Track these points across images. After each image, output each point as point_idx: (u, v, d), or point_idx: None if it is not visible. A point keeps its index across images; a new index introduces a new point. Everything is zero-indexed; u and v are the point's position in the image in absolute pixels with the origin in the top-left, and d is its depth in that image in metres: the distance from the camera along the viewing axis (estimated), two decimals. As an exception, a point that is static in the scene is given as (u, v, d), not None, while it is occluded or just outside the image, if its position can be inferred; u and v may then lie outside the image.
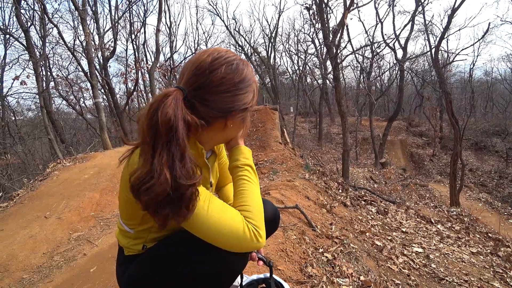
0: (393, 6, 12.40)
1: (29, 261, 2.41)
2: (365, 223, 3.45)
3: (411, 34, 12.32)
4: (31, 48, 9.26)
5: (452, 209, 5.80)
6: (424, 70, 19.76)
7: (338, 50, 5.81)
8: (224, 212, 0.69)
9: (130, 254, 0.84)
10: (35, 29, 10.39)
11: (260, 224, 0.72)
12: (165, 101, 0.63)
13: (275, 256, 1.50)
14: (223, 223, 0.68)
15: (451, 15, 7.38)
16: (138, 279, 0.79)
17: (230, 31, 17.66)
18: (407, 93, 24.43)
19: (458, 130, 6.98)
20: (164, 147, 0.61)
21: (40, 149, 12.25)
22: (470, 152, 15.65)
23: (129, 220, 0.79)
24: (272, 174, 4.79)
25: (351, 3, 4.92)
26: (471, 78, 20.41)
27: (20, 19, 8.86)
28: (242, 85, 0.72)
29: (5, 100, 11.36)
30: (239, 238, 0.68)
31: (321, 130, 17.45)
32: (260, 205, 0.76)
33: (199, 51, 0.76)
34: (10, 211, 3.44)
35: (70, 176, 4.46)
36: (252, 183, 0.79)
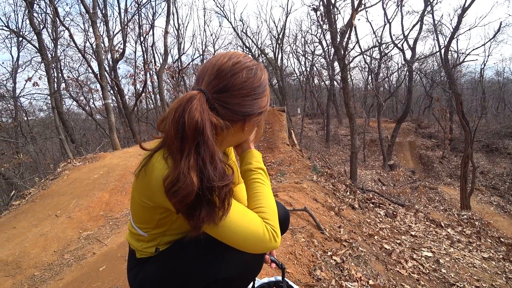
0: (401, 6, 12.23)
1: (40, 259, 2.46)
2: (373, 226, 3.41)
3: (420, 34, 12.14)
4: (43, 50, 9.48)
5: (462, 213, 5.68)
6: (434, 70, 19.44)
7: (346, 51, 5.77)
8: (245, 215, 0.71)
9: (142, 257, 0.84)
10: (47, 32, 10.65)
11: (276, 224, 0.74)
12: (191, 104, 0.63)
13: (284, 259, 1.50)
14: (245, 225, 0.69)
15: (461, 14, 7.24)
16: (152, 282, 0.79)
17: (237, 32, 17.71)
18: (416, 94, 24.06)
19: (469, 132, 6.83)
20: (191, 150, 0.61)
21: (51, 148, 12.52)
22: (481, 154, 15.30)
23: (144, 224, 0.79)
24: (279, 176, 4.78)
25: (359, 4, 4.88)
26: (482, 78, 19.96)
27: (32, 22, 9.08)
28: (260, 90, 0.73)
29: (18, 100, 11.65)
30: (260, 239, 0.70)
31: (328, 132, 17.34)
32: (274, 206, 0.78)
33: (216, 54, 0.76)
34: (22, 209, 3.52)
35: (80, 175, 4.54)
36: (265, 185, 0.81)
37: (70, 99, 13.80)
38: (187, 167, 0.60)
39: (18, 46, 12.05)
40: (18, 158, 7.27)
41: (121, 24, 11.62)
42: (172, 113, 0.64)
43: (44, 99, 12.27)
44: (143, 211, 0.75)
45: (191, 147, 0.61)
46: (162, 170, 0.65)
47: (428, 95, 17.66)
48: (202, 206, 0.62)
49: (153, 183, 0.66)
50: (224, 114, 0.69)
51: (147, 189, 0.68)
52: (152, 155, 0.69)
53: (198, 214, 0.62)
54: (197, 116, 0.62)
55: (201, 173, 0.61)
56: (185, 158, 0.61)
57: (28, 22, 9.85)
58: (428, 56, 15.90)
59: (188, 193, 0.59)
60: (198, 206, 0.62)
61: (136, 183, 0.73)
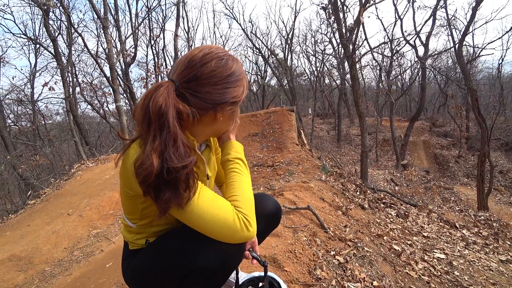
0: (412, 2, 11.89)
1: (51, 255, 2.55)
2: (383, 227, 3.33)
3: (432, 30, 11.74)
4: (59, 56, 9.84)
5: (479, 214, 5.47)
6: (448, 67, 18.84)
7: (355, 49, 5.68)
8: (215, 201, 0.71)
9: (134, 249, 0.87)
10: (62, 38, 11.03)
11: (249, 213, 0.73)
12: (157, 91, 0.67)
13: (283, 257, 1.48)
14: (214, 212, 0.69)
15: (475, 7, 6.97)
16: (140, 272, 0.82)
17: (247, 34, 17.76)
18: (430, 92, 23.38)
19: (485, 129, 6.57)
20: (156, 134, 0.64)
21: (67, 150, 12.95)
22: (500, 153, 14.68)
23: (131, 215, 0.82)
24: (288, 176, 4.74)
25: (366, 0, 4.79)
26: (499, 73, 19.15)
27: (48, 29, 9.45)
28: (231, 79, 0.75)
29: (35, 105, 12.12)
30: (230, 227, 0.70)
31: (340, 132, 17.10)
32: (249, 195, 0.77)
33: None
34: (37, 208, 3.66)
35: (92, 176, 4.67)
36: (242, 175, 0.81)
37: (85, 103, 14.24)
38: (150, 149, 0.63)
39: (36, 53, 12.57)
40: (36, 160, 7.56)
41: (132, 28, 11.90)
42: (141, 100, 0.68)
43: (60, 103, 12.76)
44: (128, 201, 0.78)
45: (156, 131, 0.65)
46: (135, 155, 0.68)
47: (443, 93, 17.13)
48: (166, 188, 0.64)
49: (128, 170, 0.69)
50: (194, 102, 0.71)
51: (125, 177, 0.71)
52: (129, 144, 0.73)
53: (162, 196, 0.64)
54: (161, 101, 0.65)
55: (162, 154, 0.63)
56: (150, 141, 0.64)
57: (44, 29, 10.26)
58: (442, 52, 15.42)
59: (148, 174, 0.62)
60: (162, 188, 0.64)
61: (119, 172, 0.75)
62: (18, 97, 12.59)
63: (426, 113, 22.30)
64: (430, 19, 11.37)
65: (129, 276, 0.86)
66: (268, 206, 0.95)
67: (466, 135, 15.83)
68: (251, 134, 7.45)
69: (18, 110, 13.49)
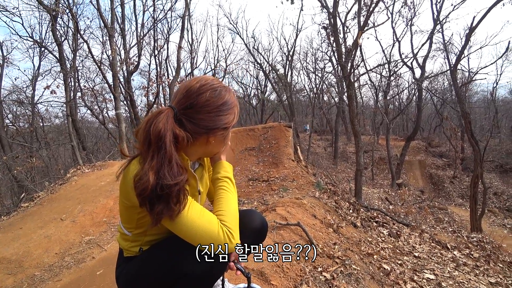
0: (410, 25, 12.34)
1: (42, 260, 2.54)
2: (374, 245, 3.35)
3: (429, 53, 12.11)
4: (63, 61, 9.99)
5: (472, 235, 5.49)
6: (444, 89, 19.26)
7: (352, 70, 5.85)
8: (203, 215, 0.80)
9: (128, 256, 0.94)
10: (68, 43, 11.23)
11: (233, 227, 0.81)
12: (158, 117, 0.77)
13: (270, 271, 1.51)
14: (201, 225, 0.78)
15: (469, 33, 7.25)
16: (133, 278, 0.88)
17: (249, 49, 18.10)
18: (427, 112, 23.76)
19: (478, 151, 6.70)
20: (154, 154, 0.74)
21: (64, 154, 12.90)
22: (494, 174, 14.81)
23: (127, 224, 0.91)
24: (282, 191, 4.78)
25: (364, 24, 5.00)
26: (493, 97, 19.61)
27: (55, 34, 9.64)
28: (223, 108, 0.84)
29: (35, 107, 12.16)
30: (214, 238, 0.78)
31: (336, 149, 17.22)
32: (234, 210, 0.86)
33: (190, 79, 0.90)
34: (30, 211, 3.65)
35: (87, 182, 4.68)
36: (229, 192, 0.90)
37: (85, 108, 14.32)
38: (148, 167, 0.73)
39: (40, 56, 12.74)
40: (31, 162, 7.54)
41: (137, 37, 12.14)
42: (144, 124, 0.78)
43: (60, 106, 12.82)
44: (125, 211, 0.87)
45: (154, 151, 0.74)
46: (134, 171, 0.77)
47: (439, 114, 17.44)
48: (160, 201, 0.72)
49: (128, 183, 0.78)
50: (189, 127, 0.81)
51: (125, 189, 0.80)
52: (130, 160, 0.82)
53: (155, 208, 0.73)
54: (161, 126, 0.75)
55: (158, 172, 0.72)
56: (149, 160, 0.74)
57: (51, 34, 10.46)
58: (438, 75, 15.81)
59: (144, 188, 0.71)
60: (156, 201, 0.72)
61: (120, 185, 0.84)
62: (19, 98, 12.64)
63: (422, 133, 22.58)
64: (427, 42, 11.78)
65: (122, 281, 0.92)
66: (254, 221, 1.02)
67: (461, 156, 16.01)
68: (248, 148, 7.51)
69: (17, 110, 13.53)
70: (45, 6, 8.38)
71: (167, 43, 14.45)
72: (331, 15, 6.50)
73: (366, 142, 16.60)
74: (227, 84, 14.31)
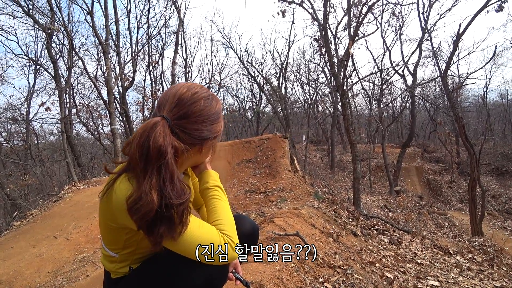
0: (399, 35, 12.69)
1: (33, 279, 2.45)
2: (375, 254, 3.30)
3: (419, 60, 12.41)
4: (58, 78, 10.04)
5: (474, 239, 5.45)
6: (436, 95, 19.59)
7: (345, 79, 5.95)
8: (202, 227, 0.75)
9: (117, 277, 0.86)
10: (63, 61, 11.29)
11: (233, 235, 0.78)
12: (155, 130, 0.69)
13: (269, 283, 1.47)
14: (202, 237, 0.73)
15: (456, 40, 7.48)
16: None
17: (243, 62, 18.34)
18: (421, 119, 24.05)
19: (473, 155, 6.75)
20: (153, 171, 0.67)
21: (58, 171, 12.73)
22: (491, 177, 14.87)
23: (113, 245, 0.83)
24: (280, 202, 4.74)
25: (354, 34, 5.13)
26: (484, 101, 20.00)
27: (50, 52, 9.73)
28: (215, 117, 0.82)
29: (30, 124, 12.09)
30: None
31: (333, 158, 17.25)
32: (231, 219, 0.83)
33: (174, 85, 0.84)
34: (22, 230, 3.56)
35: (82, 198, 4.60)
36: (222, 200, 0.87)
37: (80, 124, 14.26)
38: (149, 187, 0.65)
39: (35, 73, 12.76)
40: (25, 180, 7.41)
41: (132, 54, 12.29)
42: (137, 138, 0.69)
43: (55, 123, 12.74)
44: (109, 233, 0.79)
45: (153, 168, 0.67)
46: (124, 190, 0.69)
47: (432, 119, 17.67)
48: (162, 223, 0.66)
49: (114, 205, 0.70)
50: (184, 138, 0.76)
51: (109, 211, 0.73)
52: (116, 178, 0.74)
53: (157, 230, 0.66)
54: (161, 141, 0.68)
55: (161, 191, 0.66)
56: (147, 178, 0.66)
57: (46, 51, 10.53)
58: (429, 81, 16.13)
59: (148, 210, 0.64)
60: (158, 223, 0.66)
61: (100, 206, 0.77)
62: (14, 115, 12.58)
63: (417, 139, 22.77)
64: (417, 50, 12.08)
65: None
66: (245, 225, 1.00)
67: (457, 160, 16.12)
68: (245, 160, 7.48)
69: (11, 128, 13.42)
70: (40, 25, 8.48)
71: (162, 58, 14.62)
72: (322, 27, 6.65)
73: (362, 150, 16.69)
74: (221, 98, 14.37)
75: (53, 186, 8.36)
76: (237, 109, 23.61)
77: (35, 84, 13.00)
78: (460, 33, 7.01)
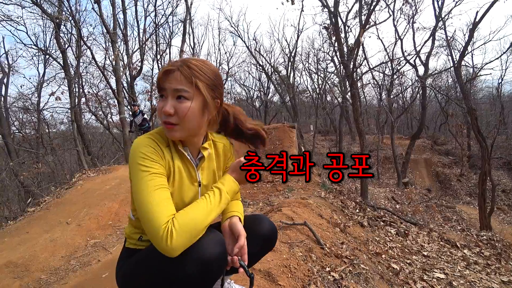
0: (412, 23, 12.23)
1: (48, 263, 2.55)
2: (382, 245, 3.30)
3: (432, 50, 11.95)
4: (67, 67, 10.10)
5: (482, 233, 5.39)
6: (448, 86, 19.06)
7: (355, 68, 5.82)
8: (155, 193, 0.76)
9: (129, 247, 0.94)
10: (71, 50, 11.36)
11: (180, 230, 0.71)
12: None
13: (277, 271, 1.48)
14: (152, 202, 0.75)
15: (472, 29, 7.17)
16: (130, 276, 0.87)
17: (251, 51, 18.13)
18: (432, 110, 23.52)
19: (485, 148, 6.59)
20: None
21: (69, 160, 13.02)
22: (502, 171, 14.57)
23: (132, 206, 0.91)
24: (287, 192, 4.76)
25: (366, 22, 4.97)
26: (498, 92, 19.35)
27: (59, 41, 9.77)
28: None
29: (41, 113, 12.32)
30: (153, 228, 0.71)
31: (341, 149, 17.12)
32: (198, 222, 0.76)
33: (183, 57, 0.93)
34: (36, 216, 3.68)
35: (92, 186, 4.70)
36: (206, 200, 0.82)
37: (90, 113, 14.46)
38: None
39: (45, 63, 12.92)
40: (37, 168, 7.62)
41: (139, 42, 12.25)
42: None
43: (65, 112, 12.95)
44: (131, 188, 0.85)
45: None
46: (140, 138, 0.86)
47: (444, 111, 17.25)
48: None
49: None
50: None
51: None
52: None
53: None
54: None
55: None
56: None
57: (54, 41, 10.60)
58: (441, 72, 15.63)
59: None
60: None
61: None
62: (25, 105, 12.82)
63: (427, 131, 22.35)
64: (430, 39, 11.67)
65: (119, 278, 0.91)
66: (264, 228, 0.97)
67: (468, 153, 15.79)
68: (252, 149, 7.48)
69: (23, 118, 13.73)
70: (49, 14, 8.50)
71: (169, 47, 14.56)
72: (332, 14, 6.47)
73: (370, 141, 16.48)
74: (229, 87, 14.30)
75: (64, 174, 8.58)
76: (244, 98, 23.51)
77: (45, 74, 13.23)
78: (476, 21, 6.72)
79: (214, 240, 0.78)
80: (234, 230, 0.88)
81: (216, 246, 0.77)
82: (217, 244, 0.78)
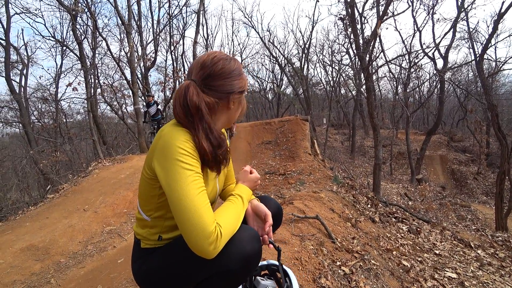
0: (432, 14, 11.72)
1: (67, 247, 2.67)
2: (393, 241, 3.27)
3: (452, 42, 11.45)
4: (83, 58, 10.32)
5: (497, 234, 5.24)
6: (468, 80, 18.30)
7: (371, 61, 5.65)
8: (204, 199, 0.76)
9: (146, 247, 0.89)
10: (87, 42, 11.57)
11: (225, 236, 0.75)
12: (188, 91, 0.84)
13: (288, 263, 1.50)
14: (199, 206, 0.73)
15: (497, 20, 6.78)
16: (156, 272, 0.84)
17: (264, 42, 17.90)
18: (449, 105, 22.74)
19: (505, 146, 6.33)
20: (198, 123, 0.83)
21: (85, 149, 13.44)
22: (522, 172, 13.99)
23: (147, 206, 0.88)
24: (299, 185, 4.75)
25: (383, 13, 4.79)
26: (523, 88, 18.41)
27: (75, 33, 9.96)
28: (236, 73, 0.92)
29: (58, 104, 12.70)
30: (204, 234, 0.70)
31: (354, 143, 16.86)
32: (233, 221, 0.81)
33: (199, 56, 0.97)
34: (55, 202, 3.83)
35: (108, 175, 4.84)
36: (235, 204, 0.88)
37: (105, 104, 14.78)
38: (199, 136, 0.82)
39: (62, 55, 13.23)
40: (56, 156, 7.90)
41: (153, 34, 12.32)
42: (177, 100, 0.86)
43: (81, 103, 13.30)
44: (145, 186, 0.86)
45: (196, 121, 0.83)
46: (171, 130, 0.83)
47: (462, 107, 16.63)
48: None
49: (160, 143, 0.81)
50: (211, 95, 0.88)
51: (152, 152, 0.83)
52: None
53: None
54: (195, 98, 0.83)
55: (209, 139, 0.83)
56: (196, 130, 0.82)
57: (71, 33, 10.81)
58: (462, 66, 14.99)
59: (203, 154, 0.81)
60: None
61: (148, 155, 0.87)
62: (43, 95, 13.24)
63: (444, 127, 21.68)
64: (450, 31, 11.18)
65: (142, 277, 0.87)
66: (271, 207, 1.05)
67: (486, 151, 15.24)
68: (265, 141, 7.49)
69: (42, 107, 14.20)
70: (65, 6, 8.65)
71: (183, 38, 14.57)
72: (348, 5, 6.28)
73: (384, 136, 16.14)
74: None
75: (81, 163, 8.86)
76: (257, 90, 23.38)
77: (62, 65, 13.53)
78: (502, 12, 6.37)
79: (251, 236, 0.83)
80: (259, 211, 0.96)
81: (254, 241, 0.82)
82: (255, 239, 0.83)
